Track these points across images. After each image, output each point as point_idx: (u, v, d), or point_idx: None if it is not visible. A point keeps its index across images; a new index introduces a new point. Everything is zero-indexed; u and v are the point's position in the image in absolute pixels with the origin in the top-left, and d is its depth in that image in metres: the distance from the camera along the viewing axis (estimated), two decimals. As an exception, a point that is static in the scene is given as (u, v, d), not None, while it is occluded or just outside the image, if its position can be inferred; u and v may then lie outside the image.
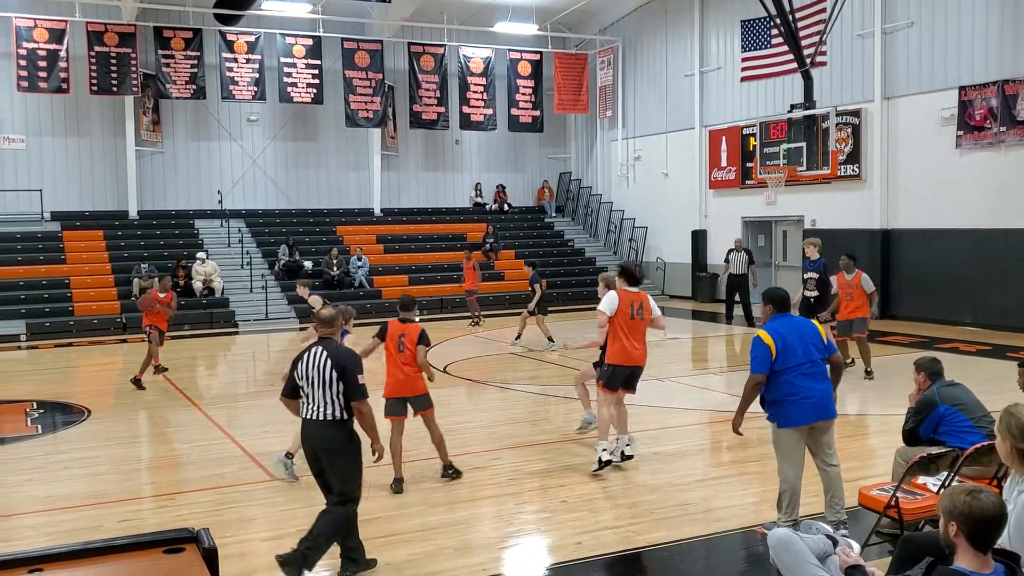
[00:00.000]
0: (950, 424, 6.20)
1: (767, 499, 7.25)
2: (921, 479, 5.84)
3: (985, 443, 5.59)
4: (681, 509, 7.08)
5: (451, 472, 8.05)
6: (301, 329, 11.81)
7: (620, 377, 8.12)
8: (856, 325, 12.49)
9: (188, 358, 16.90)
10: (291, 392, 5.92)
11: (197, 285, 21.35)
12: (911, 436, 6.36)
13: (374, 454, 5.94)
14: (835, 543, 4.36)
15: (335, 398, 5.72)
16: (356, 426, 5.88)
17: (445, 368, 14.36)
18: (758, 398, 6.21)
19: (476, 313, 20.11)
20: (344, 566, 5.80)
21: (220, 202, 24.46)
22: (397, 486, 7.72)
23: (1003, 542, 3.66)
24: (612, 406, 8.13)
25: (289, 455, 8.13)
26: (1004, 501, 3.59)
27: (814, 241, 14.14)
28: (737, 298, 19.48)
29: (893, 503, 5.48)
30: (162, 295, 13.87)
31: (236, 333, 20.22)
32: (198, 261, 21.73)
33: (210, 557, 2.89)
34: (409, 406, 8.05)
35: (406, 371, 8.05)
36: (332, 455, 5.76)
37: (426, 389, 8.13)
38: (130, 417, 11.63)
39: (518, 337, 16.52)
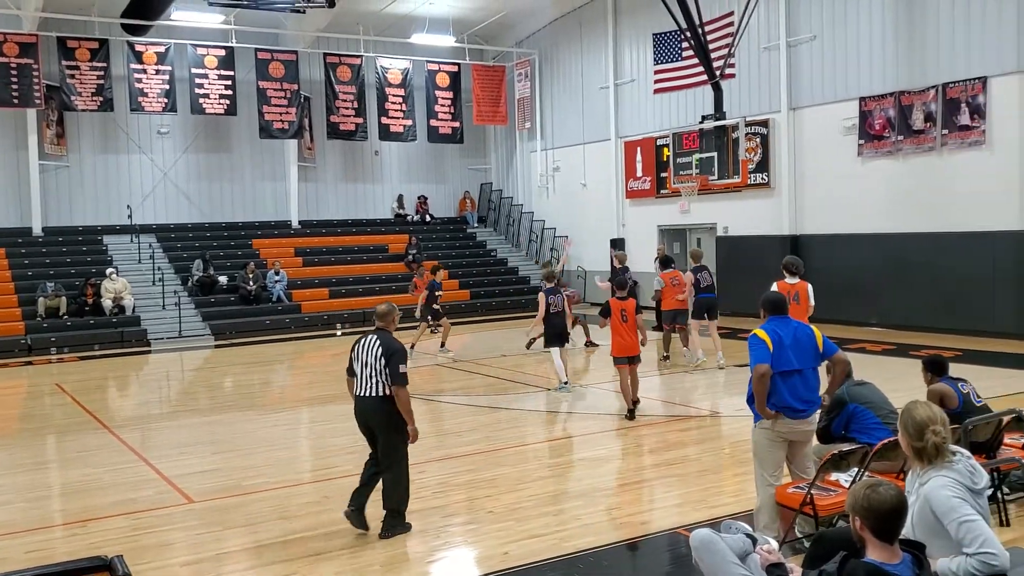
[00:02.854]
0: (860, 421, 6.45)
1: (689, 501, 7.40)
2: (834, 475, 6.03)
3: (892, 439, 5.82)
4: (606, 514, 7.16)
5: (630, 414, 10.51)
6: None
7: None
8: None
9: (99, 379, 16.38)
10: (350, 371, 6.94)
11: (107, 303, 20.69)
12: (824, 434, 6.58)
13: (410, 436, 6.85)
14: (755, 542, 4.46)
15: (380, 379, 6.68)
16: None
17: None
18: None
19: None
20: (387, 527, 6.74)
21: (130, 217, 23.79)
22: (631, 414, 10.46)
23: (907, 533, 3.82)
24: None
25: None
26: (904, 492, 3.74)
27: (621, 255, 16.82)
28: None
29: (808, 500, 5.65)
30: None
31: (148, 352, 19.65)
32: (107, 278, 21.07)
33: (127, 584, 2.81)
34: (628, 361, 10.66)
35: (629, 337, 10.65)
36: (378, 426, 6.79)
37: (640, 350, 10.82)
38: (36, 442, 11.21)
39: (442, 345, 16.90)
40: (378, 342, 6.77)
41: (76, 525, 7.45)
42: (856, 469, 5.93)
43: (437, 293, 16.81)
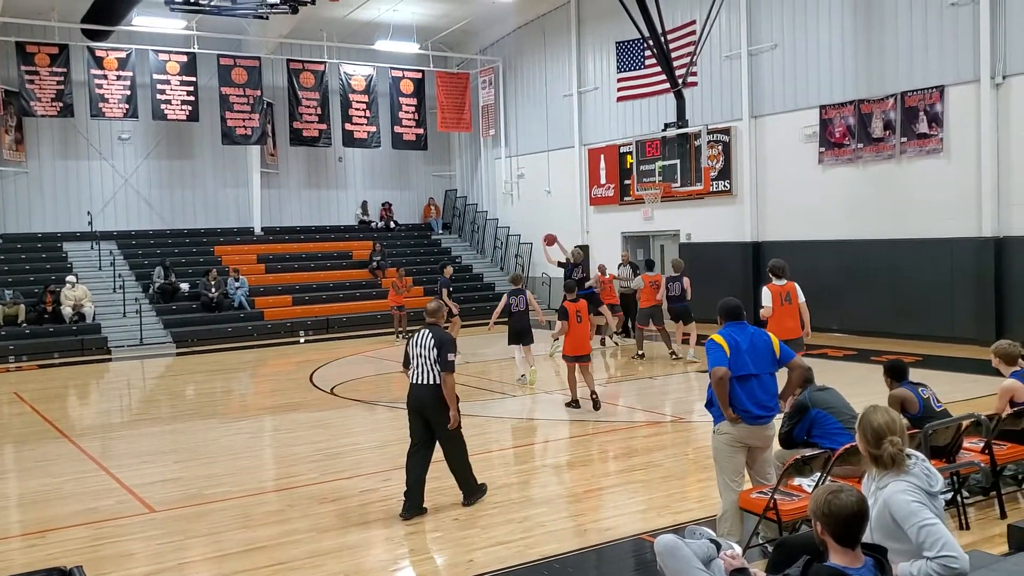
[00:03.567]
0: (822, 427, 6.50)
1: (653, 507, 7.44)
2: (796, 480, 6.09)
3: (854, 444, 5.88)
4: (571, 521, 7.18)
5: (595, 399, 11.30)
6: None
7: None
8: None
9: (58, 388, 16.11)
10: (406, 363, 7.71)
11: (66, 311, 20.37)
12: (786, 439, 6.64)
13: (451, 420, 7.43)
14: (719, 547, 4.49)
15: (433, 368, 7.39)
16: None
17: (332, 390, 14.16)
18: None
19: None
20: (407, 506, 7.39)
21: (90, 223, 23.47)
22: (575, 404, 11.46)
23: (866, 537, 3.86)
24: None
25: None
26: (865, 498, 3.77)
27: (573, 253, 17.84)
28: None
29: (772, 505, 5.70)
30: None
31: (109, 360, 19.38)
32: (67, 286, 20.75)
33: (88, 595, 2.78)
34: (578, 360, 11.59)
35: (583, 336, 11.49)
36: (432, 410, 7.44)
37: (591, 348, 11.80)
38: (-6, 452, 11.00)
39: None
40: (430, 335, 7.50)
41: (35, 536, 7.33)
42: (819, 474, 6.00)
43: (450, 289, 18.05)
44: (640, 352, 16.15)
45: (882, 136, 17.29)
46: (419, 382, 7.49)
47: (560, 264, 17.51)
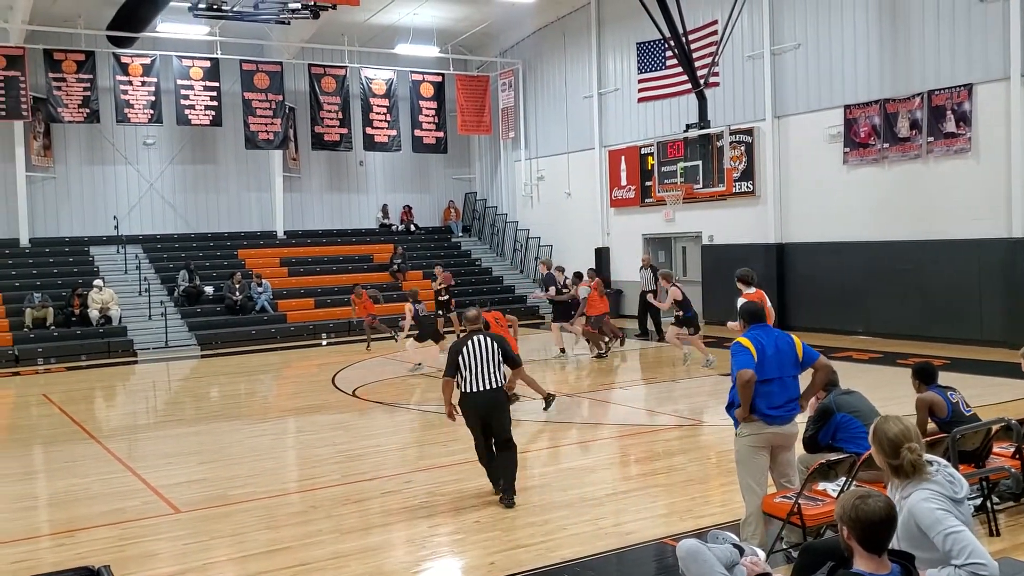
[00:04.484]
0: (847, 431, 6.42)
1: (675, 511, 7.40)
2: (821, 485, 6.02)
3: (880, 448, 5.82)
4: (593, 524, 7.15)
5: (551, 400, 11.51)
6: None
7: None
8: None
9: (86, 389, 16.28)
10: (453, 373, 7.67)
11: (93, 314, 20.58)
12: (811, 443, 6.58)
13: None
14: (742, 552, 4.46)
15: (497, 371, 7.65)
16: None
17: (354, 392, 14.21)
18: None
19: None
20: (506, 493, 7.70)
21: (116, 228, 23.72)
22: (513, 398, 11.03)
23: (893, 546, 3.81)
24: None
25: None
26: (894, 503, 3.71)
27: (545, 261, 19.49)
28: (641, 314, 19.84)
29: (796, 510, 5.65)
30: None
31: (135, 362, 19.56)
32: (94, 289, 20.96)
33: (114, 596, 2.80)
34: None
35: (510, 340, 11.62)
36: (499, 413, 7.70)
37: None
38: (24, 452, 11.13)
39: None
40: (489, 340, 7.70)
41: (63, 535, 7.41)
42: (844, 479, 5.94)
43: (443, 297, 19.77)
44: (603, 352, 16.57)
45: (908, 136, 17.10)
46: (484, 388, 7.58)
47: (558, 292, 17.75)
